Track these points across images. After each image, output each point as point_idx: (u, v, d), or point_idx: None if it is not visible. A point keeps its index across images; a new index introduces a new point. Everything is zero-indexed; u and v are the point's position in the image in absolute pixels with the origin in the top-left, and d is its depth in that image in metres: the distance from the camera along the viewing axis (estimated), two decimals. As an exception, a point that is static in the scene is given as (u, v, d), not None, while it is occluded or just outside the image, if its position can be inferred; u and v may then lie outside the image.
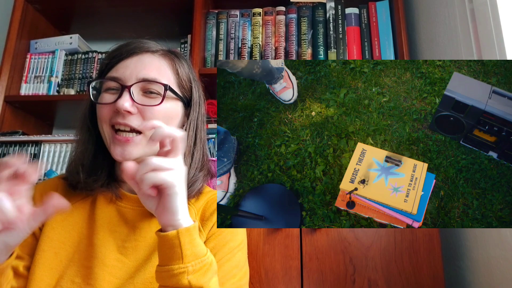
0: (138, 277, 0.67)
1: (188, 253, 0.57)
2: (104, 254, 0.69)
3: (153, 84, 0.70)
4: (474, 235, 1.08)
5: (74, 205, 0.74)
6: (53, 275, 0.67)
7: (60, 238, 0.70)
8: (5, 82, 1.49)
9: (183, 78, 0.76)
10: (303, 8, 1.53)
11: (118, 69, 0.71)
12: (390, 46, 1.45)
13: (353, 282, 1.02)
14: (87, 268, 0.68)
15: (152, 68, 0.71)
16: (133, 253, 0.70)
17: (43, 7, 1.65)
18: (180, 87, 0.75)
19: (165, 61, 0.74)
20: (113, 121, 0.68)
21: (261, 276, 1.04)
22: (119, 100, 0.67)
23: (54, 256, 0.69)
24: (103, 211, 0.73)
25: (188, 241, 0.57)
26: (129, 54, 0.72)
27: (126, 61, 0.71)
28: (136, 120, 0.68)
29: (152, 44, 0.75)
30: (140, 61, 0.72)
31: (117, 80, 0.70)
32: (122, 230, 0.72)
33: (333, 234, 1.07)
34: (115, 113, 0.68)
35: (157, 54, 0.74)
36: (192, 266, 0.57)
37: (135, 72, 0.70)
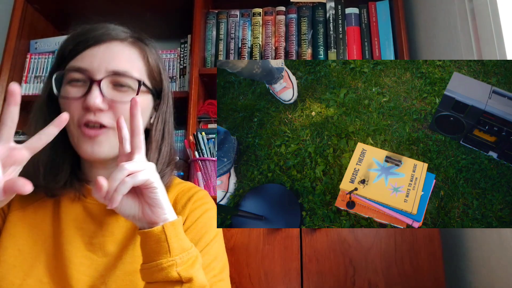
0: (110, 275, 0.65)
1: (175, 246, 0.56)
2: (72, 252, 0.66)
3: (125, 77, 0.65)
4: (474, 235, 1.08)
5: (37, 203, 0.71)
6: (18, 273, 0.64)
7: (23, 236, 0.67)
8: (5, 82, 1.48)
9: (153, 69, 0.72)
10: (303, 8, 1.53)
11: (84, 58, 0.65)
12: (390, 46, 1.45)
13: (353, 284, 1.02)
14: (55, 268, 0.66)
15: (123, 59, 0.66)
16: (101, 249, 0.68)
17: (43, 7, 1.65)
18: (151, 79, 0.72)
19: (135, 50, 0.70)
20: (82, 120, 0.64)
21: (261, 278, 1.04)
22: (89, 96, 0.62)
23: (18, 253, 0.66)
24: (68, 208, 0.70)
25: (174, 234, 0.57)
26: (96, 42, 0.66)
27: (93, 49, 0.65)
28: (107, 118, 0.65)
29: (119, 31, 0.70)
30: (109, 50, 0.66)
31: (84, 72, 0.64)
32: (89, 226, 0.69)
33: (333, 235, 1.06)
34: (83, 109, 0.64)
35: (126, 43, 0.69)
36: (180, 258, 0.56)
37: (104, 63, 0.64)
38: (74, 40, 0.67)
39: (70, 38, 0.68)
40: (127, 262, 0.66)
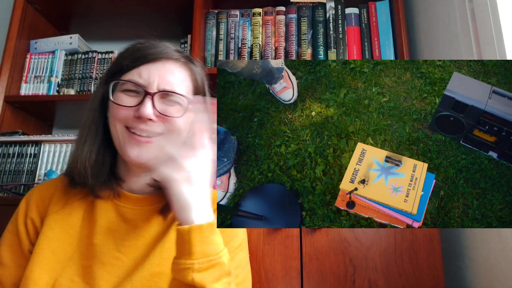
0: (136, 274, 0.67)
1: (197, 250, 0.58)
2: (103, 253, 0.69)
3: (175, 95, 0.71)
4: (474, 235, 1.08)
5: (72, 205, 0.74)
6: (51, 274, 0.67)
7: (59, 238, 0.70)
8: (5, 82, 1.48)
9: (199, 85, 0.78)
10: (303, 8, 1.53)
11: (141, 72, 0.71)
12: (390, 46, 1.45)
13: (353, 283, 1.02)
14: (86, 267, 0.68)
15: (175, 78, 0.72)
16: (132, 252, 0.70)
17: (43, 7, 1.64)
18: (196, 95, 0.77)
19: (185, 71, 0.75)
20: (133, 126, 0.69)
21: (261, 277, 1.04)
22: (142, 107, 0.68)
23: (52, 255, 0.69)
24: (102, 211, 0.73)
25: (199, 238, 0.58)
26: (152, 59, 0.72)
27: (149, 66, 0.71)
28: (157, 127, 0.70)
29: (173, 51, 0.76)
30: (164, 68, 0.72)
31: (140, 85, 0.70)
32: (121, 229, 0.72)
33: (333, 234, 1.06)
34: (135, 118, 0.69)
35: (179, 63, 0.75)
36: (198, 263, 0.57)
37: (158, 79, 0.70)
38: (132, 55, 0.73)
39: (129, 52, 0.74)
40: (154, 264, 0.68)
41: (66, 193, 0.75)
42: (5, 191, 1.35)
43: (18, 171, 1.42)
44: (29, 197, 0.76)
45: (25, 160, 1.43)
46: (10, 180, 1.41)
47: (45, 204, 0.74)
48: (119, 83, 0.72)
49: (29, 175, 1.41)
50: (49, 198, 0.75)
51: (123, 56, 0.75)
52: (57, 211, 0.73)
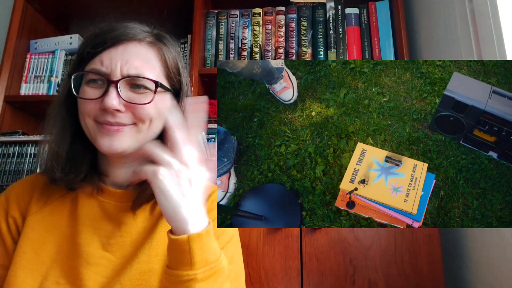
0: (124, 274, 0.65)
1: (198, 259, 0.55)
2: (89, 253, 0.66)
3: (142, 79, 0.65)
4: (474, 235, 1.08)
5: (53, 204, 0.71)
6: (35, 276, 0.64)
7: (41, 239, 0.67)
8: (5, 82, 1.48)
9: (171, 69, 0.71)
10: (303, 8, 1.53)
11: (102, 59, 0.65)
12: (390, 46, 1.45)
13: (353, 283, 1.02)
14: (71, 269, 0.65)
15: (139, 61, 0.66)
16: (119, 250, 0.67)
17: (43, 7, 1.65)
18: (169, 79, 0.71)
19: (152, 51, 0.69)
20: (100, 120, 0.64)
21: (261, 277, 1.04)
22: (106, 98, 0.62)
23: (36, 257, 0.66)
24: (85, 208, 0.70)
25: (199, 247, 0.55)
26: (114, 43, 0.66)
27: (111, 51, 0.66)
28: (126, 118, 0.65)
29: (138, 30, 0.69)
30: (127, 52, 0.66)
31: (102, 74, 0.64)
32: (106, 226, 0.69)
33: (333, 234, 1.06)
34: (101, 110, 0.64)
35: (144, 43, 0.68)
36: (201, 273, 0.55)
37: (121, 65, 0.64)
38: (92, 41, 0.67)
39: (89, 39, 0.68)
40: (143, 261, 0.66)
41: (46, 191, 0.72)
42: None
43: (18, 171, 1.42)
44: (8, 195, 0.72)
45: (25, 160, 1.43)
46: (10, 180, 1.40)
47: (25, 202, 0.71)
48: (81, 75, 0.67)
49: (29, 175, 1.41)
50: (30, 196, 0.71)
51: (84, 44, 0.69)
52: (37, 211, 0.69)
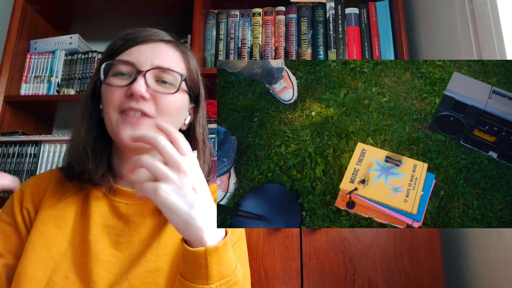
0: (132, 271, 0.66)
1: (214, 273, 0.54)
2: (98, 250, 0.67)
3: (168, 73, 0.69)
4: (474, 235, 1.08)
5: (66, 200, 0.72)
6: (45, 270, 0.65)
7: (52, 234, 0.68)
8: (5, 82, 1.48)
9: (193, 72, 0.76)
10: (303, 8, 1.53)
11: (132, 53, 0.70)
12: (390, 46, 1.45)
13: (353, 282, 1.02)
14: (81, 264, 0.67)
15: (167, 57, 0.71)
16: (128, 248, 0.69)
17: (42, 7, 1.64)
18: (190, 81, 0.75)
19: (178, 53, 0.74)
20: (124, 106, 0.66)
21: (261, 277, 1.04)
22: (135, 84, 0.66)
23: (46, 251, 0.67)
24: (97, 206, 0.71)
25: (215, 260, 0.54)
26: (144, 40, 0.71)
27: (141, 47, 0.70)
28: (149, 106, 0.67)
29: (165, 35, 0.75)
30: (156, 49, 0.71)
31: (131, 64, 0.68)
32: (116, 225, 0.70)
33: (333, 234, 1.07)
34: (127, 97, 0.67)
35: (171, 45, 0.74)
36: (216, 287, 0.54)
37: (150, 58, 0.69)
38: (123, 38, 0.72)
39: (120, 37, 0.73)
40: (151, 260, 0.67)
41: (60, 187, 0.74)
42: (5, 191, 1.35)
43: (18, 171, 1.42)
44: (24, 188, 0.74)
45: (25, 160, 1.43)
46: (10, 180, 1.40)
47: (40, 197, 0.72)
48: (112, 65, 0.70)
49: (29, 175, 1.41)
50: (44, 191, 0.73)
51: (115, 42, 0.73)
52: (50, 206, 0.71)
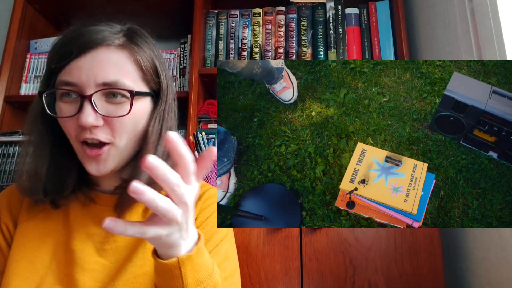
0: (119, 278, 0.64)
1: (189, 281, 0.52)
2: (83, 259, 0.65)
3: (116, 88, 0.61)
4: (474, 235, 1.08)
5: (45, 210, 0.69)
6: (29, 284, 0.63)
7: (34, 246, 0.66)
8: (5, 82, 1.48)
9: (147, 70, 0.66)
10: (303, 8, 1.53)
11: (71, 71, 0.61)
12: (390, 46, 1.45)
13: (353, 283, 1.02)
14: (66, 275, 0.65)
15: (111, 68, 0.62)
16: (114, 255, 0.67)
17: (43, 7, 1.65)
18: (146, 82, 0.67)
19: (123, 55, 0.64)
20: (81, 138, 0.62)
21: (261, 277, 1.04)
22: (81, 115, 0.59)
23: (29, 264, 0.65)
24: (77, 214, 0.69)
25: (190, 268, 0.51)
26: (80, 52, 0.61)
27: (79, 61, 0.61)
28: (103, 133, 0.62)
29: (106, 33, 0.64)
30: (96, 61, 0.61)
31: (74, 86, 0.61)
32: (99, 232, 0.68)
33: (333, 235, 1.06)
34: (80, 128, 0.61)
35: (113, 48, 0.64)
36: None
37: (92, 75, 0.60)
38: (58, 52, 0.63)
39: (54, 50, 0.64)
40: (137, 265, 0.65)
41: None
42: (5, 191, 1.35)
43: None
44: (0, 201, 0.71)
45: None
46: (10, 180, 1.40)
47: (17, 209, 0.70)
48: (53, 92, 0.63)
49: (29, 175, 1.41)
50: (21, 202, 0.71)
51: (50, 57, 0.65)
52: (29, 218, 0.68)
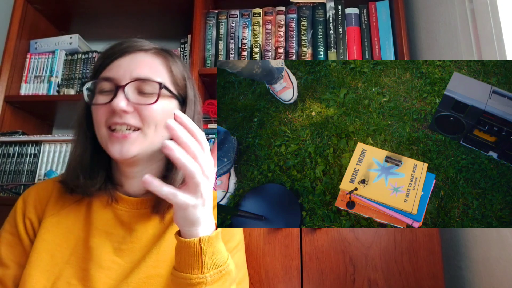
0: (132, 277, 0.67)
1: (208, 262, 0.57)
2: (100, 257, 0.69)
3: (147, 83, 0.69)
4: (474, 235, 1.08)
5: (69, 207, 0.74)
6: (49, 277, 0.67)
7: (56, 241, 0.70)
8: (5, 82, 1.48)
9: (177, 76, 0.75)
10: (303, 8, 1.53)
11: (112, 69, 0.70)
12: (390, 46, 1.45)
13: (353, 282, 1.02)
14: (83, 270, 0.68)
15: (145, 67, 0.70)
16: (129, 255, 0.70)
17: (43, 7, 1.65)
18: (175, 85, 0.74)
19: (158, 59, 0.73)
20: (110, 122, 0.68)
21: (261, 276, 1.04)
22: (114, 100, 0.66)
23: (50, 258, 0.69)
24: (99, 213, 0.73)
25: (209, 250, 0.57)
26: (122, 53, 0.71)
27: (119, 61, 0.71)
28: (133, 119, 0.68)
29: (145, 43, 0.75)
30: (133, 60, 0.71)
31: (111, 80, 0.69)
32: (118, 232, 0.72)
33: (333, 234, 1.07)
34: (111, 113, 0.68)
35: (150, 53, 0.73)
36: (211, 276, 0.57)
37: (128, 71, 0.69)
38: (103, 56, 0.73)
39: (100, 55, 0.74)
40: (151, 266, 0.68)
41: (63, 195, 0.75)
42: (5, 191, 1.35)
43: (18, 171, 1.42)
44: (26, 197, 0.76)
45: (25, 160, 1.43)
46: (10, 180, 1.41)
47: (42, 206, 0.74)
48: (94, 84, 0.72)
49: (29, 175, 1.41)
50: (47, 199, 0.75)
51: (97, 60, 0.75)
52: (54, 214, 0.73)
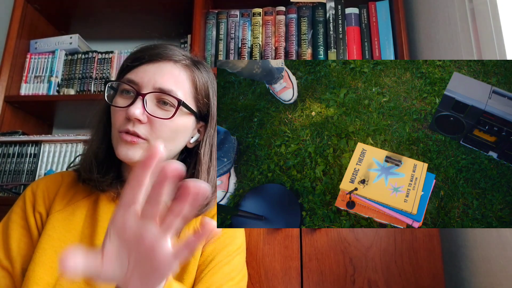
0: None
1: None
2: None
3: (169, 96, 0.69)
4: (474, 235, 1.08)
5: (76, 204, 0.74)
6: (53, 273, 0.67)
7: (61, 237, 0.70)
8: (5, 82, 1.48)
9: (200, 92, 0.75)
10: (303, 8, 1.53)
11: (137, 73, 0.70)
12: (390, 46, 1.45)
13: (353, 283, 1.02)
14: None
15: (171, 79, 0.70)
16: None
17: (43, 7, 1.64)
18: (196, 101, 0.75)
19: (185, 73, 0.73)
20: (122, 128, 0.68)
21: (261, 276, 1.04)
22: (131, 107, 0.67)
23: (54, 254, 0.69)
24: (105, 211, 0.73)
25: None
26: (151, 59, 0.71)
27: (147, 66, 0.71)
28: (143, 129, 0.68)
29: (176, 52, 0.74)
30: (160, 69, 0.70)
31: (133, 85, 0.69)
32: None
33: (333, 234, 1.06)
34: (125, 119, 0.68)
35: (179, 64, 0.73)
36: None
37: (153, 79, 0.69)
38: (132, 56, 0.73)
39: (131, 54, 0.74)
40: None
41: (70, 190, 0.75)
42: (5, 191, 1.36)
43: (18, 171, 1.42)
44: (35, 189, 0.76)
45: (25, 160, 1.43)
46: (10, 180, 1.41)
47: (50, 199, 0.74)
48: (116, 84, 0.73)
49: (29, 175, 1.41)
50: (54, 193, 0.75)
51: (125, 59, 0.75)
52: (60, 210, 0.73)
